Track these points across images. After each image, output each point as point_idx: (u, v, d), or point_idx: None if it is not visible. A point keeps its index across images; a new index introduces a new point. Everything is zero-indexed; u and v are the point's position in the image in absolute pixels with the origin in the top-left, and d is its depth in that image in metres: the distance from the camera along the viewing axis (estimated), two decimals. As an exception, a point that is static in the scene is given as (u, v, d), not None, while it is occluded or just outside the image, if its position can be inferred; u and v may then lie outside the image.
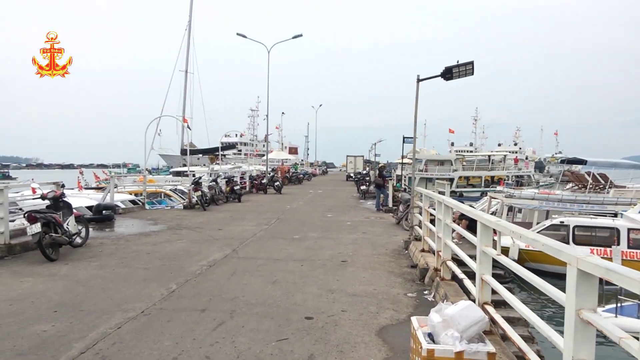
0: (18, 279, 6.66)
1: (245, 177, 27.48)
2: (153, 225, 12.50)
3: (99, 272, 7.08)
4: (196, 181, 17.40)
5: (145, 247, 9.23)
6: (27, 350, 4.17)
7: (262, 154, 69.61)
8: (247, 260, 8.09)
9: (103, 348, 4.23)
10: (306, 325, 4.91)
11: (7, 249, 8.27)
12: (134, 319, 5.02)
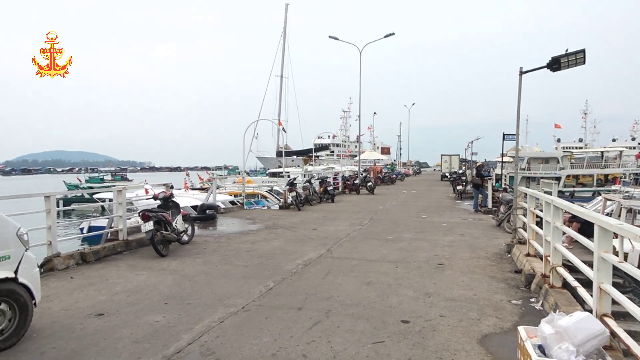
0: (134, 272, 7.29)
1: (338, 177, 27.73)
2: (251, 224, 13.04)
3: (203, 268, 7.52)
4: (291, 182, 17.88)
5: (244, 245, 9.65)
6: (142, 338, 4.52)
7: (354, 154, 69.87)
8: (341, 261, 8.11)
9: (208, 340, 4.46)
10: (402, 329, 4.79)
11: (125, 244, 9.10)
12: (235, 314, 5.24)
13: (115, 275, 7.06)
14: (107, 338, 4.55)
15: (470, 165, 38.71)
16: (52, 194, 7.73)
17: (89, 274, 7.17)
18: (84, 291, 6.20)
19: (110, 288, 6.34)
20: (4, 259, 4.28)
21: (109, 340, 4.48)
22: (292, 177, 19.84)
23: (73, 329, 4.78)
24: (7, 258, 4.30)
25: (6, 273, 4.26)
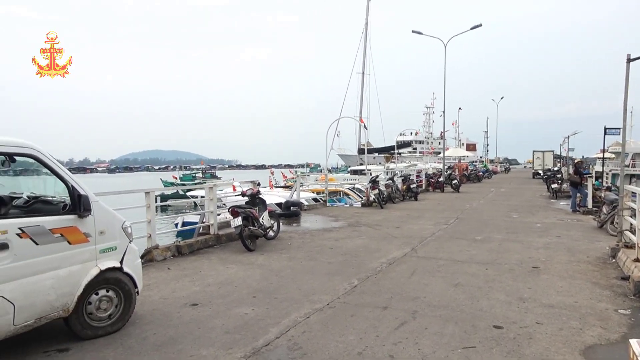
0: (224, 265, 7.63)
1: (421, 175, 27.09)
2: (334, 221, 13.12)
3: (288, 264, 7.68)
4: (373, 180, 17.75)
5: (328, 242, 9.72)
6: (232, 329, 4.70)
7: (437, 151, 67.88)
8: (426, 260, 7.89)
9: (294, 335, 4.53)
10: (495, 335, 4.53)
11: (215, 238, 9.55)
12: (320, 310, 5.28)
13: (208, 268, 7.43)
14: (201, 327, 4.79)
15: (566, 162, 35.97)
16: (152, 190, 8.30)
17: (184, 265, 7.62)
18: (180, 282, 6.58)
19: (203, 280, 6.67)
20: (111, 250, 4.65)
21: (202, 330, 4.71)
22: (375, 175, 19.68)
23: (171, 317, 5.09)
24: (114, 249, 4.68)
25: (113, 263, 4.63)
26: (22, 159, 4.29)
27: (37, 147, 4.19)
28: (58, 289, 4.11)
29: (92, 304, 4.45)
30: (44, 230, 4.03)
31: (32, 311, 3.92)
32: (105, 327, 4.55)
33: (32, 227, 3.94)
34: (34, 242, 3.93)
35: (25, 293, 3.85)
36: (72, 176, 4.38)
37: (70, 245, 4.23)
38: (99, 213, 4.50)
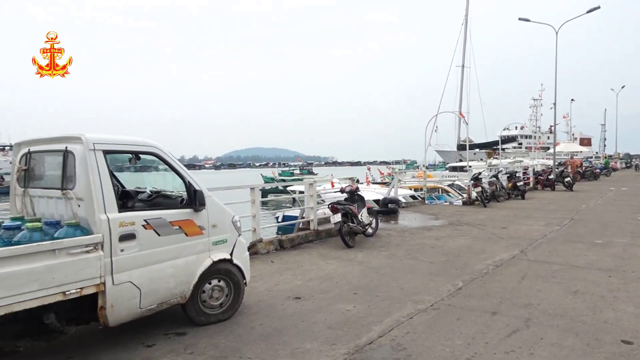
0: (325, 260, 7.73)
1: (528, 172, 25.32)
2: (434, 219, 12.73)
3: (388, 262, 7.58)
4: (476, 177, 16.94)
5: (428, 240, 9.45)
6: (335, 325, 4.73)
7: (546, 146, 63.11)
8: (538, 264, 7.33)
9: (398, 335, 4.44)
10: (624, 351, 4.07)
11: (315, 234, 9.73)
12: (424, 311, 5.13)
13: (309, 262, 7.59)
14: (304, 321, 4.88)
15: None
16: (256, 186, 8.66)
17: (286, 259, 7.85)
18: (283, 275, 6.79)
19: (305, 274, 6.82)
20: (222, 242, 4.91)
21: (306, 323, 4.80)
22: (477, 172, 18.76)
23: (275, 309, 5.26)
24: (225, 242, 4.93)
25: (224, 255, 4.89)
26: (146, 156, 4.68)
27: (159, 146, 4.55)
28: (177, 277, 4.42)
29: (205, 292, 4.74)
30: (165, 222, 4.35)
31: (155, 296, 4.26)
32: (217, 314, 4.82)
33: (155, 219, 4.28)
34: (157, 233, 4.27)
35: (150, 279, 4.19)
36: (188, 173, 4.68)
37: (187, 237, 4.53)
38: (211, 207, 4.77)
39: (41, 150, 4.52)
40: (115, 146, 4.24)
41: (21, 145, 4.71)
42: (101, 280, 3.83)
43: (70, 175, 4.05)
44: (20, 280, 3.36)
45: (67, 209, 4.10)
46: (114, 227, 3.93)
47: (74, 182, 4.01)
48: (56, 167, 4.30)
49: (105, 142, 4.09)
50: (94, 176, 3.90)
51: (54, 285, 3.54)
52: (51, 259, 3.54)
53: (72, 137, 4.08)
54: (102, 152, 4.02)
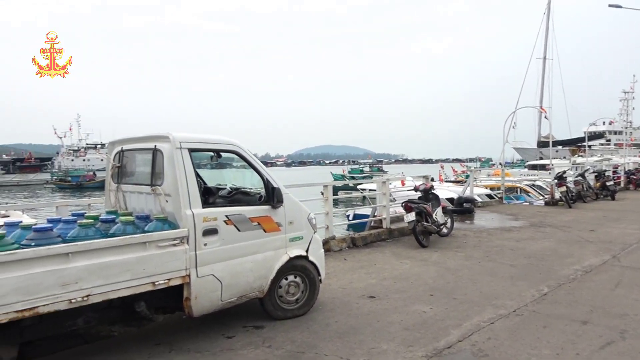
0: (398, 260, 7.61)
1: (619, 171, 23.40)
2: (513, 220, 12.12)
3: (465, 263, 7.31)
4: (560, 175, 15.90)
5: (507, 242, 9.00)
6: (411, 327, 4.64)
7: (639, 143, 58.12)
8: (634, 271, 6.74)
9: (478, 341, 4.27)
10: None
11: (388, 232, 9.61)
12: (505, 316, 4.89)
13: (382, 261, 7.50)
14: (379, 320, 4.83)
15: None
16: (329, 184, 8.71)
17: (359, 257, 7.82)
18: (356, 273, 6.77)
19: (379, 273, 6.75)
20: (298, 239, 4.97)
21: (381, 323, 4.75)
22: (562, 171, 17.61)
23: (350, 307, 5.25)
24: (301, 239, 4.99)
25: (300, 251, 4.95)
26: (226, 154, 4.85)
27: (239, 144, 4.69)
28: (256, 271, 4.54)
29: (282, 287, 4.83)
30: (245, 218, 4.48)
31: (235, 289, 4.40)
32: (293, 310, 4.90)
33: (236, 215, 4.42)
34: (237, 229, 4.40)
35: (231, 273, 4.33)
36: (266, 170, 4.79)
37: (265, 233, 4.64)
38: (288, 204, 4.84)
39: (132, 149, 4.82)
40: (200, 144, 4.42)
41: (115, 144, 5.05)
42: (186, 273, 4.02)
43: (159, 172, 4.29)
44: (115, 270, 3.60)
45: (156, 204, 4.34)
46: (199, 222, 4.10)
47: (162, 179, 4.24)
48: (146, 164, 4.56)
49: (190, 141, 4.28)
50: (181, 173, 4.10)
51: (144, 276, 3.76)
52: (142, 251, 3.76)
53: (161, 136, 4.31)
54: (188, 150, 4.21)
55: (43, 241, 3.41)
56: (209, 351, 4.14)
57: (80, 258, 3.43)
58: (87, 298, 3.45)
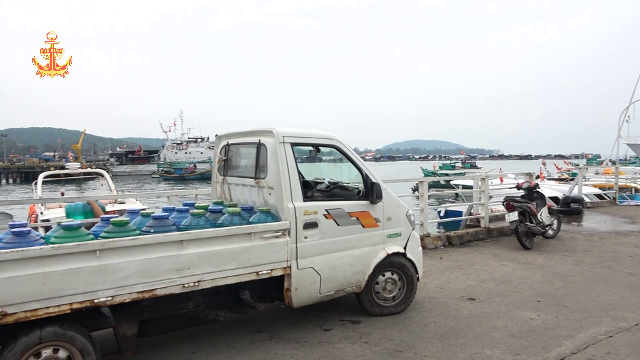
0: (499, 261, 7.21)
1: None
2: (630, 223, 10.96)
3: (575, 269, 6.73)
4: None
5: (624, 248, 8.16)
6: (517, 333, 4.36)
7: None
8: None
9: (596, 355, 3.90)
10: None
11: (486, 232, 9.15)
12: (627, 330, 4.42)
13: (480, 262, 7.16)
14: (481, 325, 4.60)
15: None
16: (425, 180, 8.49)
17: (455, 256, 7.53)
18: (454, 273, 6.52)
19: (478, 274, 6.44)
20: (396, 235, 4.88)
21: (484, 328, 4.52)
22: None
23: (449, 308, 5.06)
24: (399, 235, 4.90)
25: (398, 248, 4.86)
26: (326, 149, 4.89)
27: (339, 139, 4.70)
28: (353, 266, 4.53)
29: (379, 284, 4.78)
30: (344, 213, 4.48)
31: (333, 283, 4.43)
32: (389, 307, 4.83)
33: (335, 209, 4.44)
34: (336, 223, 4.42)
35: (329, 267, 4.37)
36: (366, 165, 4.74)
37: (364, 229, 4.61)
38: (387, 200, 4.77)
39: (238, 143, 5.03)
40: (302, 139, 4.49)
41: (221, 138, 5.30)
42: (287, 264, 4.11)
43: (263, 166, 4.42)
44: (223, 259, 3.77)
45: (259, 196, 4.49)
46: (300, 215, 4.18)
47: (265, 172, 4.37)
48: (250, 157, 4.73)
49: (292, 135, 4.36)
50: (283, 167, 4.19)
51: (249, 265, 3.90)
52: (247, 241, 3.91)
53: (265, 130, 4.45)
54: (290, 145, 4.29)
55: (160, 228, 3.67)
56: (307, 342, 4.21)
57: (192, 246, 3.64)
58: (198, 283, 3.66)
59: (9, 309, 2.97)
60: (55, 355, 3.19)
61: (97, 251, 3.25)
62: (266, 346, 4.15)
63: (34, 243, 3.18)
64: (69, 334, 3.22)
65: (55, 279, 3.10)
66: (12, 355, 3.04)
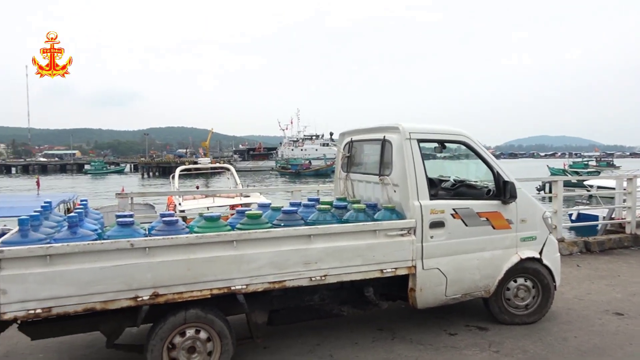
0: (651, 273, 6.34)
1: None
2: None
3: None
4: None
5: None
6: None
7: None
8: None
9: None
10: None
11: (633, 239, 8.11)
12: None
13: (628, 273, 6.35)
14: (632, 343, 4.07)
15: None
16: (559, 179, 7.77)
17: (595, 265, 6.79)
18: (595, 283, 5.87)
19: (625, 286, 5.73)
20: (531, 239, 4.51)
21: (636, 347, 3.99)
22: None
23: (591, 323, 4.56)
24: (534, 239, 4.52)
25: (532, 253, 4.48)
26: (452, 145, 4.68)
27: (469, 135, 4.46)
28: (482, 269, 4.28)
29: (510, 290, 4.46)
30: (472, 213, 4.25)
31: (460, 286, 4.23)
32: (521, 316, 4.49)
33: (463, 209, 4.23)
34: (464, 223, 4.21)
35: (456, 269, 4.18)
36: (497, 162, 4.45)
37: (494, 230, 4.33)
38: (521, 200, 4.42)
39: (361, 139, 5.02)
40: (428, 135, 4.35)
41: (344, 135, 5.34)
42: (412, 264, 4.01)
43: (387, 162, 4.36)
44: (348, 255, 3.79)
45: (383, 194, 4.44)
46: (426, 213, 4.05)
47: (390, 169, 4.31)
48: (375, 154, 4.70)
49: (419, 132, 4.23)
50: (409, 164, 4.09)
51: (373, 263, 3.88)
52: (372, 238, 3.88)
53: (390, 127, 4.38)
54: (417, 141, 4.17)
55: (290, 222, 3.80)
56: (431, 345, 4.07)
57: (319, 240, 3.71)
58: (324, 278, 3.72)
59: (160, 290, 3.29)
60: (197, 335, 3.46)
61: (234, 241, 3.46)
62: (389, 345, 4.10)
63: (181, 232, 3.48)
64: (209, 317, 3.48)
65: (198, 266, 3.36)
66: (162, 332, 3.36)
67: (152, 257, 3.25)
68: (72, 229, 3.30)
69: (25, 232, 3.18)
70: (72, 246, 3.10)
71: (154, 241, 3.28)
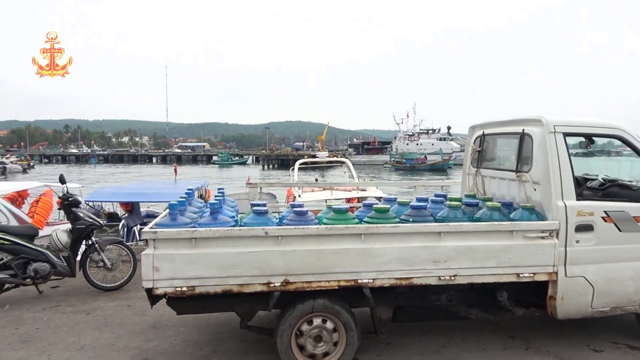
0: None
1: None
2: None
3: None
4: None
5: None
6: None
7: None
8: None
9: None
10: None
11: None
12: None
13: None
14: None
15: None
16: None
17: None
18: None
19: None
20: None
21: None
22: None
23: None
24: None
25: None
26: (601, 140, 4.17)
27: (625, 128, 3.94)
28: (637, 281, 3.77)
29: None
30: (628, 217, 3.76)
31: (609, 298, 3.76)
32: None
33: (617, 212, 3.75)
34: (617, 228, 3.73)
35: (605, 278, 3.72)
36: (662, 160, 3.87)
37: (654, 238, 3.77)
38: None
39: (495, 133, 4.70)
40: (577, 128, 3.93)
41: (475, 128, 5.05)
42: (553, 270, 3.65)
43: (526, 158, 4.02)
44: (481, 255, 3.57)
45: (520, 192, 4.10)
46: (571, 215, 3.66)
47: (530, 165, 3.96)
48: (511, 149, 4.37)
49: (566, 124, 3.83)
50: (553, 160, 3.72)
51: (509, 266, 3.60)
52: (508, 239, 3.60)
53: (531, 119, 4.03)
54: (562, 135, 3.78)
55: (419, 218, 3.68)
56: (572, 360, 3.69)
57: (450, 238, 3.54)
58: (454, 278, 3.55)
59: (290, 278, 3.39)
60: (323, 325, 3.52)
61: (362, 235, 3.44)
62: (522, 355, 3.81)
63: (310, 222, 3.56)
64: (336, 308, 3.51)
65: (327, 257, 3.40)
66: (291, 319, 3.47)
67: (284, 246, 3.36)
68: (214, 215, 3.54)
69: (174, 216, 3.48)
70: (214, 231, 3.33)
71: (286, 230, 3.39)
